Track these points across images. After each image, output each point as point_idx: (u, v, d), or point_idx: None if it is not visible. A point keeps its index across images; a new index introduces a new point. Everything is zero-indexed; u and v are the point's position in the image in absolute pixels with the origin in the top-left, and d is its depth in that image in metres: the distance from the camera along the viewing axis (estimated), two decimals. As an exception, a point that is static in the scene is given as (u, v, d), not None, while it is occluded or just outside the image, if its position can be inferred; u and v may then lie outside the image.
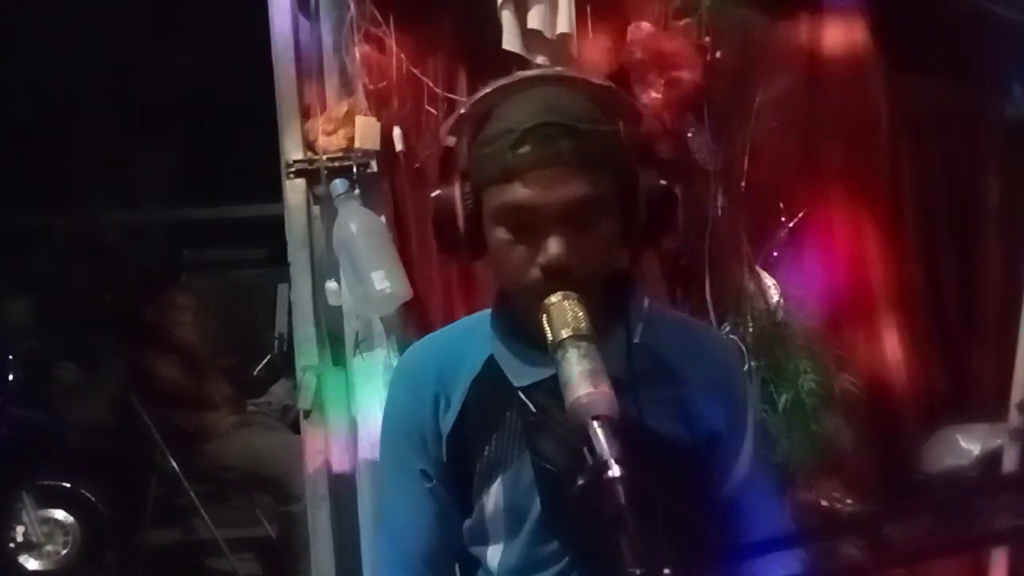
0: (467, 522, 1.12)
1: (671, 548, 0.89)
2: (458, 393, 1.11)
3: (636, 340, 1.06)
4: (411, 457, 1.13)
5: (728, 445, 1.12)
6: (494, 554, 1.11)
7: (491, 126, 1.04)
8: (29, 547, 3.43)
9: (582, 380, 0.91)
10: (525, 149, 1.00)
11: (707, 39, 1.92)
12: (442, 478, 1.13)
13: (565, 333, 0.95)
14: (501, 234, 1.04)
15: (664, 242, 1.14)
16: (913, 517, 0.75)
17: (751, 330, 1.88)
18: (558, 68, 1.11)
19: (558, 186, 1.00)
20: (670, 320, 1.21)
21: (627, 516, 0.84)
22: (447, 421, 1.11)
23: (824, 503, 1.82)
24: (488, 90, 1.06)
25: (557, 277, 1.01)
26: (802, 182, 2.01)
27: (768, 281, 1.94)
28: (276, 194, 2.13)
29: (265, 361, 4.59)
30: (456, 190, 1.06)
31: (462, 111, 1.08)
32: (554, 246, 1.00)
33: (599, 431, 0.88)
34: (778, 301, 1.91)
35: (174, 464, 3.39)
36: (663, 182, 1.05)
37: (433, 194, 1.08)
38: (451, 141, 1.09)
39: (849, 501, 1.79)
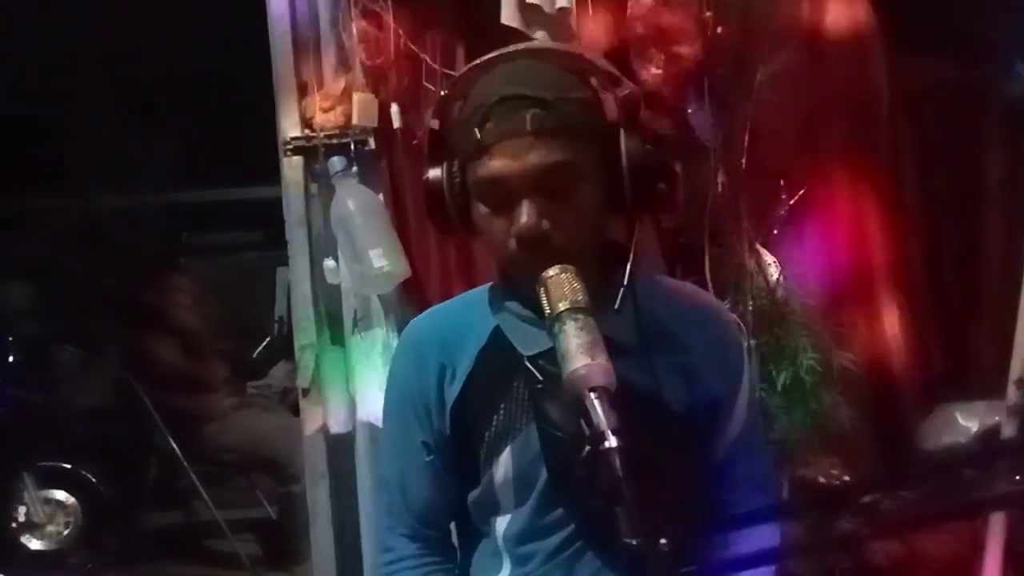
0: (474, 493, 1.12)
1: (668, 517, 0.89)
2: (464, 363, 1.12)
3: (623, 306, 1.05)
4: (414, 428, 1.14)
5: (724, 406, 1.12)
6: (501, 523, 1.11)
7: (466, 106, 1.05)
8: (31, 527, 3.45)
9: (579, 352, 0.91)
10: (491, 124, 1.01)
11: (708, 14, 1.90)
12: (442, 451, 1.13)
13: (563, 306, 0.95)
14: (481, 209, 1.05)
15: (656, 209, 1.12)
16: (905, 488, 0.75)
17: (751, 308, 1.87)
18: (534, 41, 1.10)
19: (524, 155, 1.01)
20: (669, 287, 1.21)
21: (623, 487, 0.84)
22: (452, 391, 1.12)
23: (822, 480, 1.82)
24: (464, 71, 1.08)
25: (531, 246, 1.01)
26: (803, 159, 2.00)
27: (768, 259, 1.93)
28: (277, 176, 2.12)
29: (264, 343, 4.58)
30: (443, 172, 1.07)
31: (442, 93, 1.10)
32: (524, 215, 1.01)
33: (596, 403, 0.88)
34: (778, 279, 1.91)
35: (174, 445, 3.40)
36: (646, 144, 1.03)
37: (424, 176, 1.10)
38: (435, 124, 1.10)
39: (847, 478, 1.79)
